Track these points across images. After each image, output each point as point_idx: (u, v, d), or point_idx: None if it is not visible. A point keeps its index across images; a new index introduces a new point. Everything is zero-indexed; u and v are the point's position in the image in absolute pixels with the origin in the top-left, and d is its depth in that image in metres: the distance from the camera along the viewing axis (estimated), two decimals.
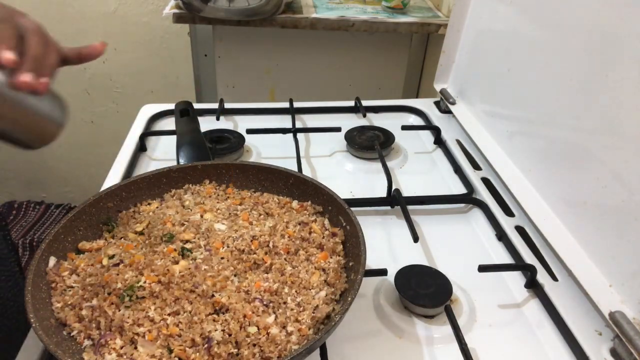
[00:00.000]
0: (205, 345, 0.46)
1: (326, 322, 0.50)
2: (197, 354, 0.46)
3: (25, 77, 0.46)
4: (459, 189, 0.82)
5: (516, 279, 0.65)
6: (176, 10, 1.23)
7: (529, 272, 0.63)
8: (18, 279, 0.80)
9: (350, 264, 0.56)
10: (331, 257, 0.57)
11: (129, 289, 0.50)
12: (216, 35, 1.40)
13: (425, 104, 1.06)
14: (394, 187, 0.76)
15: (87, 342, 0.48)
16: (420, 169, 0.88)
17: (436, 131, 0.94)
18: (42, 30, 0.49)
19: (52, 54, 0.49)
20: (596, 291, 0.57)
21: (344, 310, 0.47)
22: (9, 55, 0.45)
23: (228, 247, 0.57)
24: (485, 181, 0.82)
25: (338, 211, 0.61)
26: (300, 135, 0.91)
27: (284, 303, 0.51)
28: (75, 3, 1.72)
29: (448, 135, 0.94)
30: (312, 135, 0.95)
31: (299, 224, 0.61)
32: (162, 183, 0.67)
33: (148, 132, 0.92)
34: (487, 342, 0.57)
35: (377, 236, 0.71)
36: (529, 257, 0.66)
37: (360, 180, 0.84)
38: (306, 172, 0.83)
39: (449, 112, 1.00)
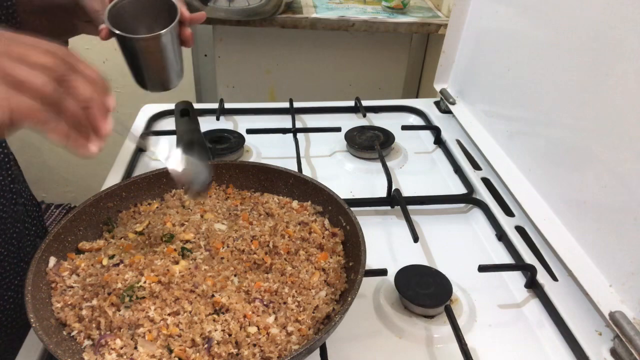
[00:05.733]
0: (205, 345, 0.46)
1: (326, 322, 0.50)
2: (197, 354, 0.46)
3: (190, 31, 0.61)
4: (459, 189, 0.82)
5: (516, 279, 0.65)
6: None
7: (529, 272, 0.63)
8: None
9: (350, 264, 0.56)
10: (331, 257, 0.57)
11: (129, 289, 0.50)
12: (216, 35, 1.40)
13: (425, 104, 1.06)
14: (394, 187, 0.76)
15: (87, 342, 0.48)
16: (420, 169, 0.88)
17: (436, 131, 0.94)
18: None
19: None
20: (596, 291, 0.57)
21: (344, 310, 0.47)
22: (189, 14, 0.60)
23: (228, 247, 0.57)
24: (485, 181, 0.82)
25: (338, 211, 0.61)
26: (300, 135, 0.91)
27: (284, 303, 0.51)
28: None
29: (448, 135, 0.94)
30: (312, 135, 0.95)
31: (299, 224, 0.61)
32: (162, 183, 0.67)
33: (148, 132, 0.92)
34: (487, 342, 0.57)
35: (377, 236, 0.71)
36: (529, 257, 0.66)
37: (360, 180, 0.84)
38: (306, 172, 0.83)
39: (449, 112, 1.00)
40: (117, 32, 0.57)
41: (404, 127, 0.94)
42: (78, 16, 0.65)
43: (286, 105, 1.00)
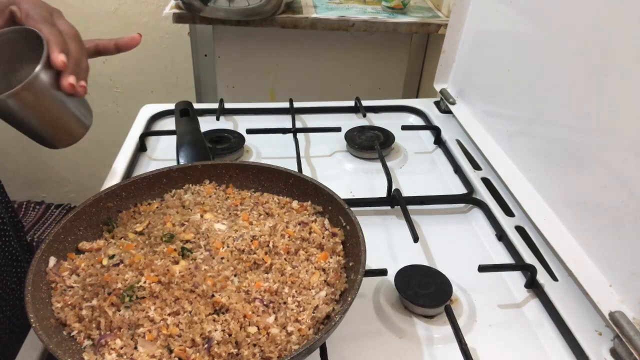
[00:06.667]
0: (205, 345, 0.46)
1: (326, 322, 0.50)
2: (197, 354, 0.46)
3: (71, 80, 0.49)
4: (459, 189, 0.82)
5: (516, 279, 0.65)
6: (176, 10, 1.23)
7: (529, 272, 0.63)
8: None
9: (350, 264, 0.56)
10: (331, 257, 0.57)
11: (129, 289, 0.50)
12: (216, 35, 1.40)
13: (425, 104, 1.06)
14: (394, 187, 0.76)
15: (87, 342, 0.48)
16: (420, 169, 0.88)
17: (436, 131, 0.94)
18: (78, 34, 0.51)
19: (86, 58, 0.51)
20: (596, 291, 0.57)
21: (344, 310, 0.47)
22: (62, 58, 0.47)
23: (228, 247, 0.57)
24: (485, 181, 0.82)
25: (338, 211, 0.61)
26: (300, 135, 0.91)
27: (284, 303, 0.51)
28: (75, 3, 1.72)
29: (448, 135, 0.94)
30: (312, 135, 0.95)
31: (299, 224, 0.61)
32: (162, 183, 0.67)
33: (148, 132, 0.92)
34: (487, 342, 0.57)
35: (377, 236, 0.71)
36: (529, 257, 0.66)
37: (360, 180, 0.84)
38: (306, 172, 0.83)
39: (449, 112, 1.00)
40: None
41: (404, 127, 0.94)
42: None
43: (286, 105, 1.00)
